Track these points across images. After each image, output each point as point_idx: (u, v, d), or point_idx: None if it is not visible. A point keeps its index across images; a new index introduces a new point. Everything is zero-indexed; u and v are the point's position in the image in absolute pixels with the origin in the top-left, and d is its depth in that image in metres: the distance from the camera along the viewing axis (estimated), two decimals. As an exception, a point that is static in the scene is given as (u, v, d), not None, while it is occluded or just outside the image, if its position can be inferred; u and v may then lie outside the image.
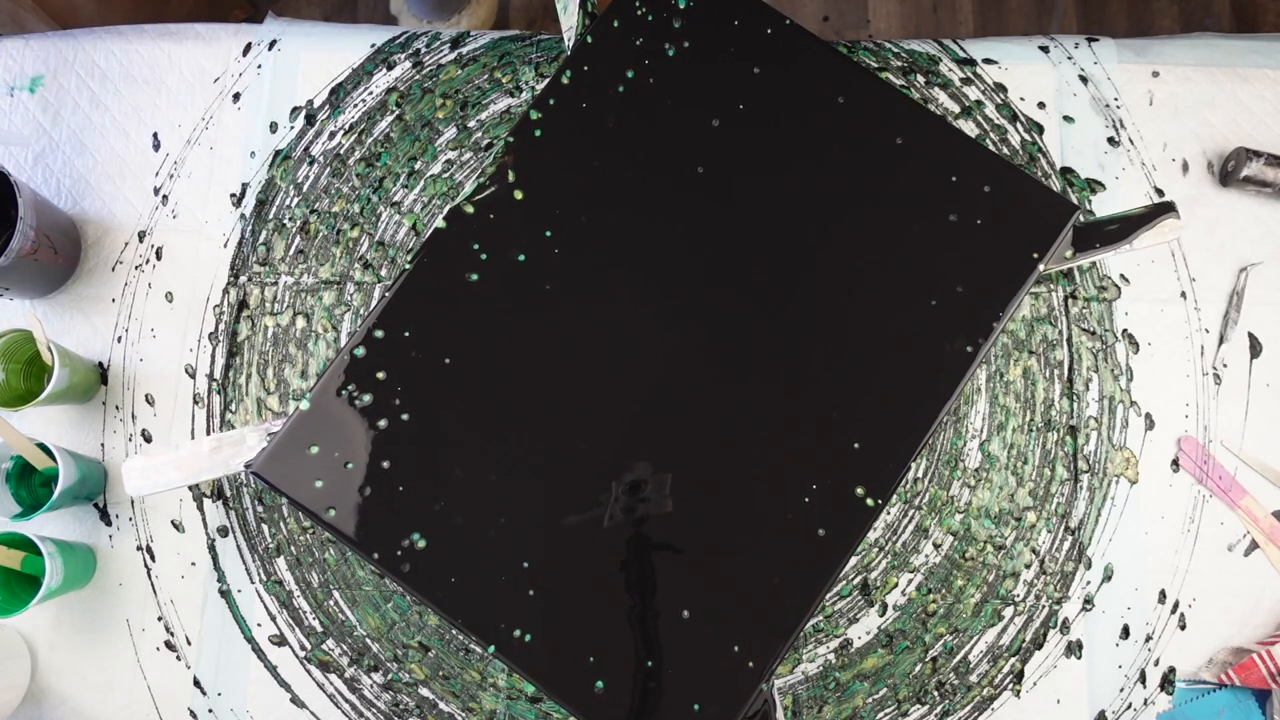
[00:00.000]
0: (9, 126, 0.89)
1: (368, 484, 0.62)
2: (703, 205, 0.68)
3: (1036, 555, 0.81)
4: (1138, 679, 0.79)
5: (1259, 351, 0.84)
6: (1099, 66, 0.89)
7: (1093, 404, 0.83)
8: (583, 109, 0.69)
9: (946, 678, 0.79)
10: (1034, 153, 0.87)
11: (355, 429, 0.63)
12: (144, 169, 0.88)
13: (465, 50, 0.90)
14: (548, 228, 0.67)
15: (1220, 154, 0.87)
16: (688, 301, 0.67)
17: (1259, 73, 0.89)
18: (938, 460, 0.82)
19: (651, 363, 0.66)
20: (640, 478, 0.63)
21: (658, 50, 0.70)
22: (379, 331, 0.65)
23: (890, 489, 0.63)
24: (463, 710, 0.79)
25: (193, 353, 0.84)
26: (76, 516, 0.82)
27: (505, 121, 0.88)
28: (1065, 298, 0.84)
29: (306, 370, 0.84)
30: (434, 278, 0.66)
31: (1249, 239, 0.86)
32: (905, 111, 0.70)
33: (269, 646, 0.80)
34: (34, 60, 0.90)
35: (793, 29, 0.71)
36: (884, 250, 0.67)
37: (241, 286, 0.85)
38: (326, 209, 0.86)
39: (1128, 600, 0.80)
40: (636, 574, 0.62)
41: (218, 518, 0.81)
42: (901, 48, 0.90)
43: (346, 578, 0.80)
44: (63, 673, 0.80)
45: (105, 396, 0.84)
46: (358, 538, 0.61)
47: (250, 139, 0.88)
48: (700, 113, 0.69)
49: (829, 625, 0.80)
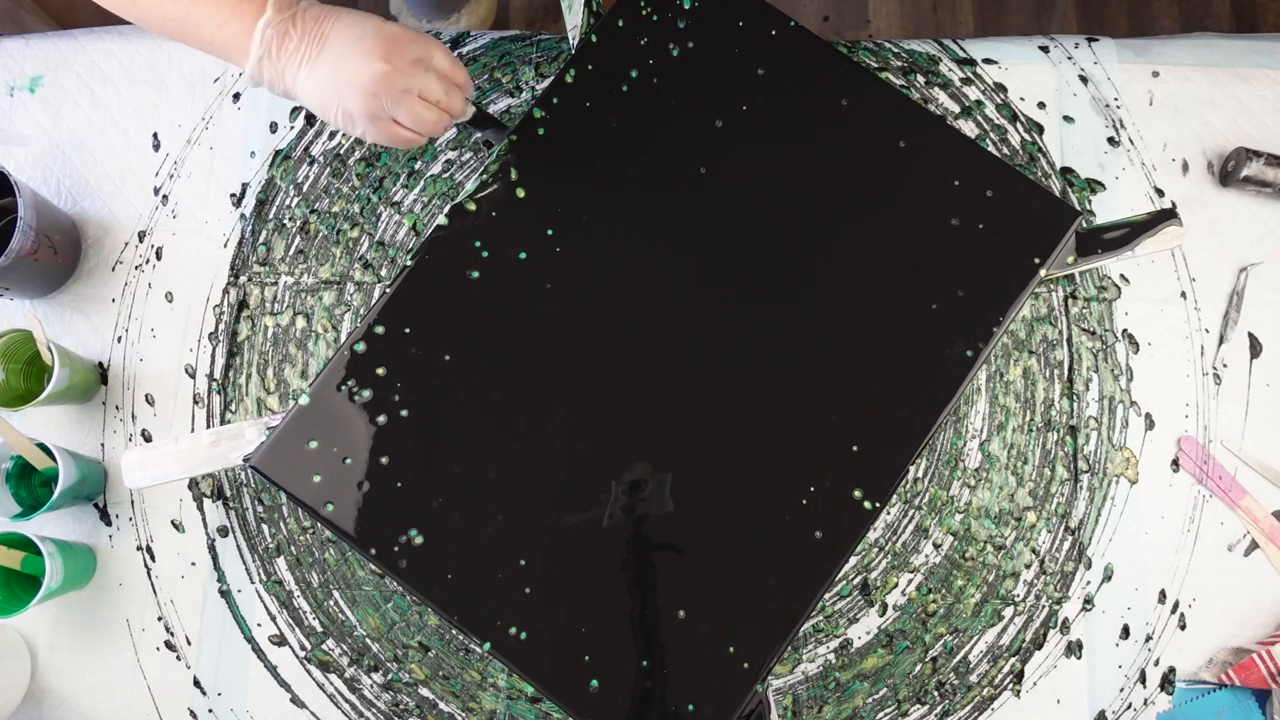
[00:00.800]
0: (9, 126, 0.89)
1: (366, 479, 0.62)
2: (705, 206, 0.68)
3: (1036, 555, 0.81)
4: (1138, 679, 0.79)
5: (1259, 351, 0.84)
6: (1099, 66, 0.89)
7: (1093, 404, 0.83)
8: (586, 108, 0.69)
9: (946, 678, 0.79)
10: (1034, 153, 0.87)
11: (354, 424, 0.63)
12: (144, 169, 0.88)
13: (465, 50, 0.90)
14: (550, 226, 0.67)
15: (1220, 154, 0.87)
16: (688, 302, 0.67)
17: (1259, 73, 0.89)
18: (938, 460, 0.82)
19: (652, 363, 0.66)
20: (640, 477, 0.63)
21: (662, 50, 0.70)
22: (380, 327, 0.65)
23: (888, 492, 0.63)
24: (463, 710, 0.79)
25: (193, 353, 0.84)
26: (76, 516, 0.82)
27: (505, 121, 0.88)
28: (1065, 298, 0.84)
29: (306, 370, 0.84)
30: (435, 274, 0.66)
31: (1249, 239, 0.86)
32: (909, 115, 0.70)
33: (269, 646, 0.80)
34: (34, 60, 0.90)
35: (797, 31, 0.71)
36: (885, 253, 0.67)
37: (241, 286, 0.85)
38: (326, 209, 0.86)
39: (1128, 600, 0.80)
40: (633, 573, 0.62)
41: (218, 518, 0.81)
42: (901, 48, 0.90)
43: (346, 578, 0.80)
44: (63, 673, 0.80)
45: (105, 396, 0.84)
46: (355, 533, 0.61)
47: (250, 139, 0.88)
48: (704, 113, 0.69)
49: (829, 625, 0.80)
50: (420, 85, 0.57)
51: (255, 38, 0.55)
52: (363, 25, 0.57)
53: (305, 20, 0.56)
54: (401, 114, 0.57)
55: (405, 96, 0.57)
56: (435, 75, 0.58)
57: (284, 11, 0.56)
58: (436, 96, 0.59)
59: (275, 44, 0.56)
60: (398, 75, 0.56)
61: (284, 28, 0.56)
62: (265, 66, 0.56)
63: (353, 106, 0.56)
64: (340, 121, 0.58)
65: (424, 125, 0.59)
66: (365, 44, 0.56)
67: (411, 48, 0.57)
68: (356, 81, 0.55)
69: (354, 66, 0.55)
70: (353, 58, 0.55)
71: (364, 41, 0.56)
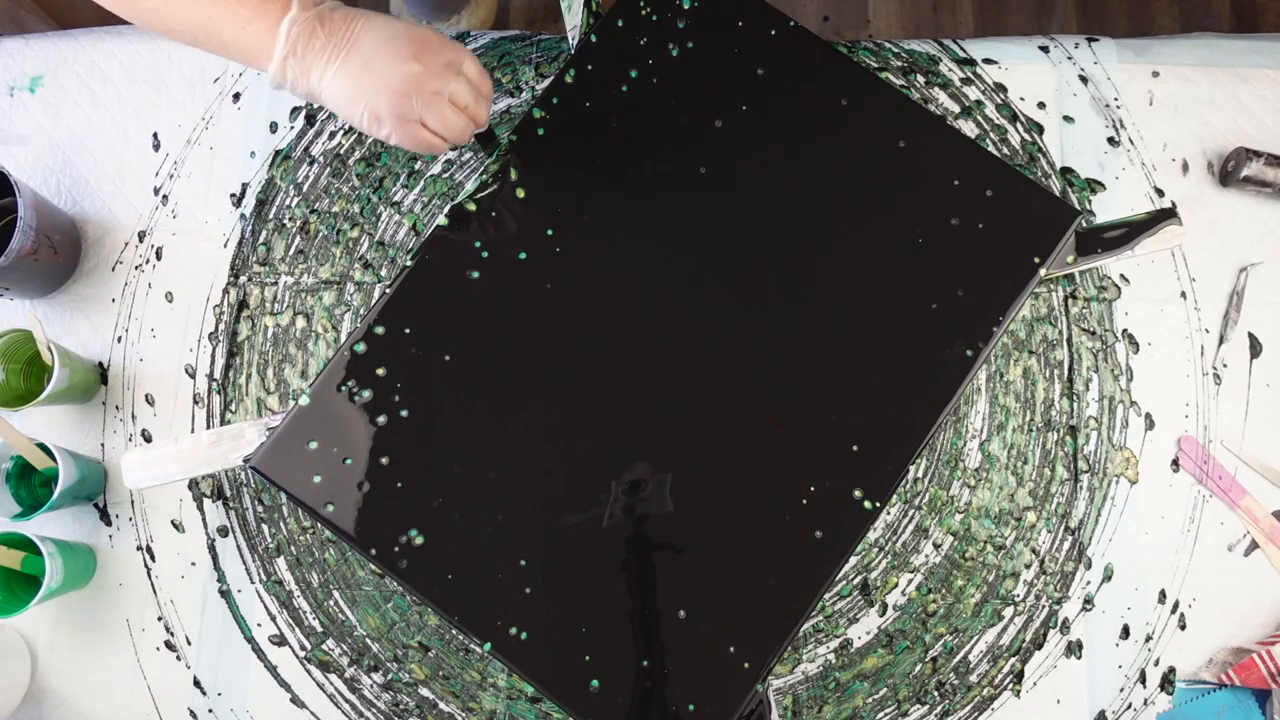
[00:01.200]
0: (9, 126, 0.89)
1: (366, 480, 0.62)
2: (705, 206, 0.68)
3: (1036, 555, 0.81)
4: (1138, 679, 0.79)
5: (1259, 351, 0.84)
6: (1099, 66, 0.89)
7: (1093, 404, 0.83)
8: (586, 108, 0.69)
9: (946, 678, 0.79)
10: (1034, 153, 0.87)
11: (355, 425, 0.63)
12: (144, 169, 0.88)
13: (465, 50, 0.90)
14: (550, 226, 0.67)
15: (1220, 154, 0.87)
16: (688, 302, 0.67)
17: (1259, 73, 0.89)
18: (938, 460, 0.82)
19: (652, 363, 0.66)
20: (640, 477, 0.63)
21: (662, 50, 0.70)
22: (380, 328, 0.65)
23: (888, 492, 0.63)
24: (463, 710, 0.79)
25: (193, 353, 0.84)
26: (76, 516, 0.82)
27: (505, 121, 0.88)
28: (1065, 298, 0.84)
29: (306, 370, 0.84)
30: (435, 274, 0.66)
31: (1249, 239, 0.86)
32: (909, 115, 0.70)
33: (269, 646, 0.80)
34: (34, 60, 0.90)
35: (797, 31, 0.71)
36: (885, 252, 0.67)
37: (241, 286, 0.85)
38: (326, 209, 0.86)
39: (1128, 600, 0.80)
40: (634, 573, 0.62)
41: (218, 518, 0.81)
42: (901, 48, 0.90)
43: (346, 578, 0.80)
44: (63, 673, 0.80)
45: (105, 396, 0.84)
46: (355, 533, 0.61)
47: (250, 139, 0.88)
48: (703, 113, 0.69)
49: (829, 625, 0.80)
50: (451, 89, 0.57)
51: (280, 36, 0.54)
52: (393, 26, 0.56)
53: (334, 20, 0.55)
54: (430, 117, 0.57)
55: (435, 99, 0.56)
56: (465, 81, 0.58)
57: (309, 9, 0.55)
58: (465, 102, 0.58)
59: (301, 43, 0.55)
60: (430, 77, 0.55)
61: (311, 26, 0.55)
62: (290, 66, 0.55)
63: (382, 107, 0.56)
64: (366, 123, 0.57)
65: (451, 130, 0.58)
66: (397, 44, 0.55)
67: (443, 51, 0.56)
68: (388, 81, 0.55)
69: (386, 66, 0.55)
70: (385, 57, 0.55)
71: (396, 41, 0.55)
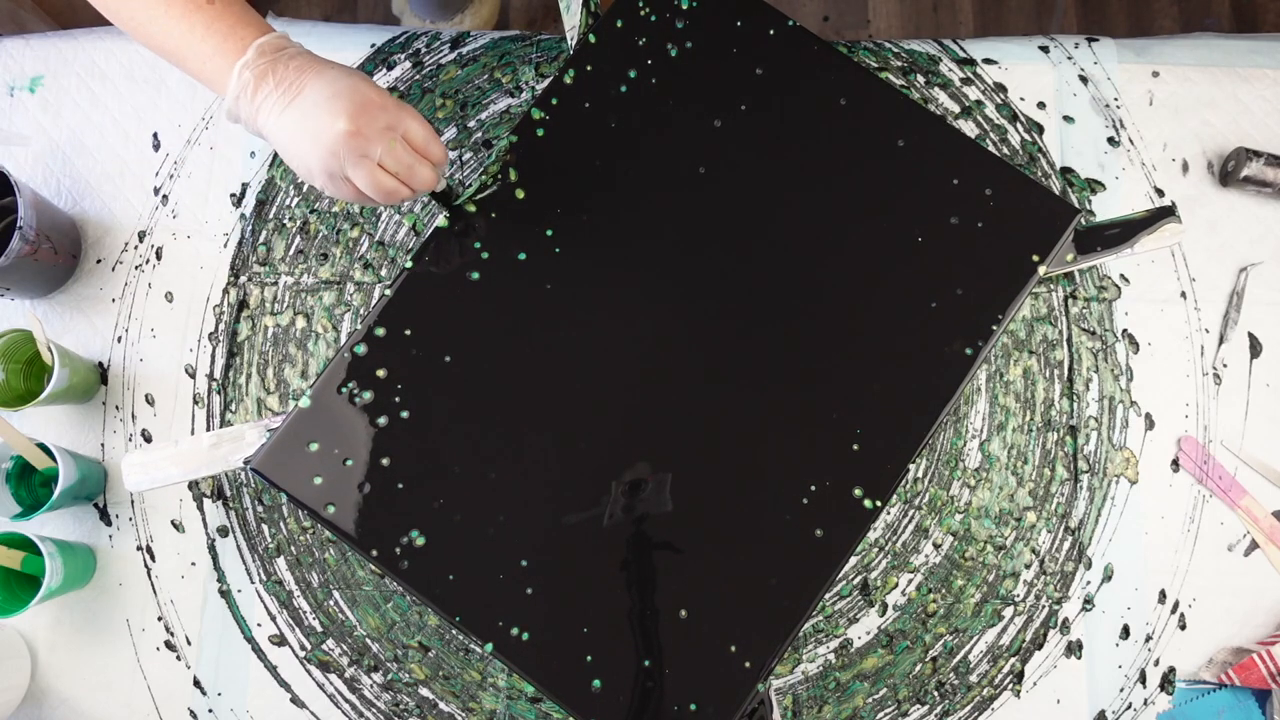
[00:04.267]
0: (9, 126, 0.89)
1: (367, 481, 0.62)
2: (704, 206, 0.68)
3: (1036, 555, 0.81)
4: (1138, 679, 0.79)
5: (1259, 351, 0.84)
6: (1099, 66, 0.89)
7: (1093, 404, 0.83)
8: (585, 108, 0.69)
9: (946, 678, 0.79)
10: (1034, 153, 0.87)
11: (355, 426, 0.63)
12: (144, 169, 0.88)
13: (465, 50, 0.90)
14: (549, 227, 0.67)
15: (1220, 154, 0.87)
16: (688, 301, 0.67)
17: (1259, 73, 0.89)
18: (938, 460, 0.82)
19: (652, 362, 0.66)
20: (640, 477, 0.63)
21: (660, 50, 0.70)
22: (380, 329, 0.65)
23: (889, 491, 0.63)
24: (463, 710, 0.79)
25: (193, 353, 0.84)
26: (76, 516, 0.82)
27: (505, 121, 0.88)
28: (1065, 298, 0.84)
29: (306, 370, 0.84)
30: (435, 275, 0.66)
31: (1249, 239, 0.86)
32: (908, 114, 0.70)
33: (269, 646, 0.80)
34: (34, 60, 0.90)
35: (796, 30, 0.71)
36: (885, 251, 0.67)
37: (241, 286, 0.85)
38: (326, 209, 0.86)
39: (1128, 600, 0.80)
40: (634, 573, 0.62)
41: (218, 518, 0.81)
42: (901, 48, 0.90)
43: (346, 578, 0.80)
44: (63, 673, 0.80)
45: (105, 396, 0.84)
46: (356, 535, 0.61)
47: (250, 139, 0.88)
48: (702, 113, 0.69)
49: (829, 625, 0.80)
50: (383, 152, 0.56)
51: (233, 77, 0.56)
52: (339, 83, 0.56)
53: (286, 69, 0.56)
54: (358, 177, 0.57)
55: (364, 161, 0.56)
56: (403, 145, 0.57)
57: (265, 56, 0.56)
58: (396, 168, 0.57)
59: (251, 86, 0.56)
60: (359, 139, 0.55)
61: (263, 72, 0.56)
62: (241, 105, 0.57)
63: (312, 161, 0.56)
64: (301, 173, 0.58)
65: (378, 192, 0.58)
66: (337, 103, 0.55)
67: (383, 114, 0.56)
68: (319, 138, 0.55)
69: (320, 123, 0.55)
70: (320, 114, 0.55)
71: (336, 100, 0.55)
